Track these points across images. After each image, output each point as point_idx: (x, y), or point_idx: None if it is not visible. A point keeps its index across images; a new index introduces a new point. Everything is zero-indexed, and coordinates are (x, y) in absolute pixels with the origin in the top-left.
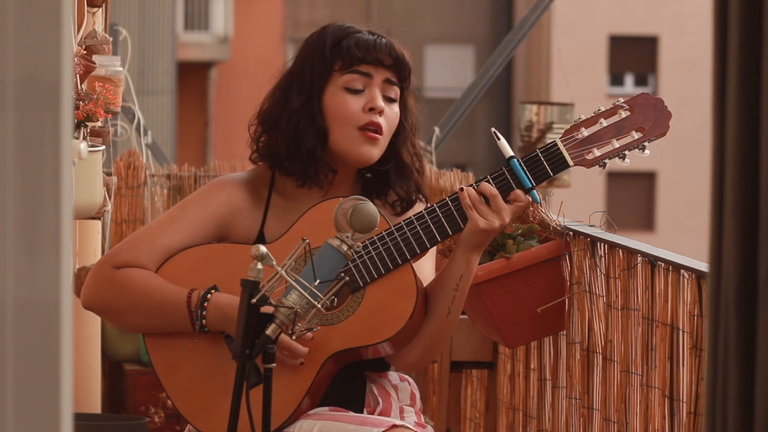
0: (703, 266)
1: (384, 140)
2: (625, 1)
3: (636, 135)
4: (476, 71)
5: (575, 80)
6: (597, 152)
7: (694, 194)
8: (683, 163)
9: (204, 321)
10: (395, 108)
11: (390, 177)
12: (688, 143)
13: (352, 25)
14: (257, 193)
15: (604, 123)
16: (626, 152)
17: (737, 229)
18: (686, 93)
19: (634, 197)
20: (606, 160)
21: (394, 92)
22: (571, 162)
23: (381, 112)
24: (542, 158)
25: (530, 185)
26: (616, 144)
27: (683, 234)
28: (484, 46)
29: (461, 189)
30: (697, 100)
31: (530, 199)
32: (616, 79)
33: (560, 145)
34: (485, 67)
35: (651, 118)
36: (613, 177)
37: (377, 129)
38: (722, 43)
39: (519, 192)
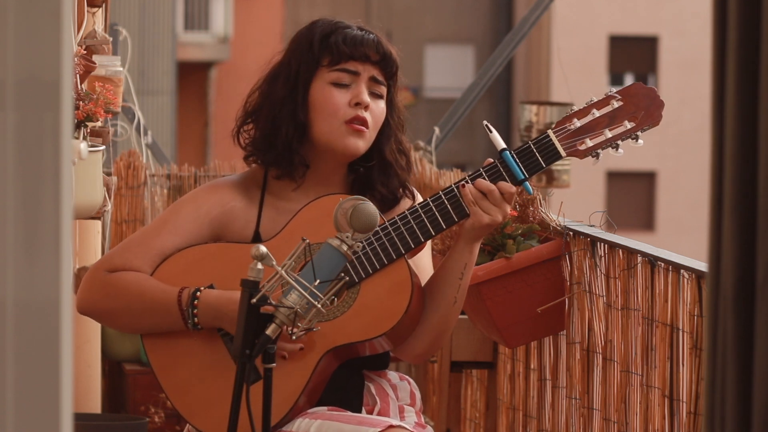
0: (703, 266)
1: (370, 135)
2: (625, 1)
3: (629, 124)
4: (476, 71)
5: (575, 80)
6: (590, 142)
7: (694, 194)
8: (683, 163)
9: (196, 319)
10: (381, 104)
11: (373, 175)
12: (688, 143)
13: (341, 20)
14: (250, 194)
15: (597, 113)
16: (619, 142)
17: (736, 230)
18: (686, 93)
19: (634, 197)
20: (599, 151)
21: (381, 89)
22: (563, 153)
23: (366, 108)
24: (534, 150)
25: (523, 177)
26: (609, 134)
27: (683, 234)
28: (484, 46)
29: (463, 185)
30: (696, 100)
31: (517, 187)
32: (616, 79)
33: (552, 136)
34: (485, 67)
35: (643, 108)
36: (613, 177)
37: (363, 122)
38: (721, 43)
39: (504, 183)
